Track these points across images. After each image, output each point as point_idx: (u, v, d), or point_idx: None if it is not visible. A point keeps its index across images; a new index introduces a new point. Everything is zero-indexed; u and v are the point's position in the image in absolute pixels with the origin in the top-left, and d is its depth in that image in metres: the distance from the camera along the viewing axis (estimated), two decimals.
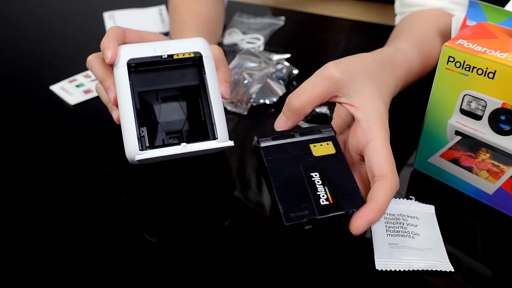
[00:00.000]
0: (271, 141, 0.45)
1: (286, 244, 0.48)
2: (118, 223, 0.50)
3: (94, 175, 0.56)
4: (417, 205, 0.51)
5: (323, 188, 0.42)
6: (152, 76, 0.51)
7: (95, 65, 0.51)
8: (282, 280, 0.44)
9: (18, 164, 0.57)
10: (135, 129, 0.47)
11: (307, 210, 0.41)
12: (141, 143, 0.47)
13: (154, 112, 0.52)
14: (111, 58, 0.48)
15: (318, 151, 0.45)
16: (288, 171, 0.43)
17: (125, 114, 0.47)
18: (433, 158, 0.54)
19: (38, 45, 0.83)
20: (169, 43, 0.51)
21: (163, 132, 0.52)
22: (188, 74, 0.51)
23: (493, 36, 0.48)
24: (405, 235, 0.48)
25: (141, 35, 0.52)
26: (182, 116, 0.52)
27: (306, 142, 0.45)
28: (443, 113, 0.50)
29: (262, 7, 0.95)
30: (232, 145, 0.48)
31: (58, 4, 0.97)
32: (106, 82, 0.50)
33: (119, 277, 0.44)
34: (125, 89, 0.48)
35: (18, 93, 0.71)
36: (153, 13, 0.91)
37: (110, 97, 0.50)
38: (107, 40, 0.49)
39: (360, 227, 0.40)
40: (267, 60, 0.70)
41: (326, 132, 0.46)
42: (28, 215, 0.51)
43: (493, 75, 0.45)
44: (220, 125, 0.49)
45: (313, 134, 0.46)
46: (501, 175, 0.49)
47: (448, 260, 0.46)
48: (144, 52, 0.49)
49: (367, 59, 0.48)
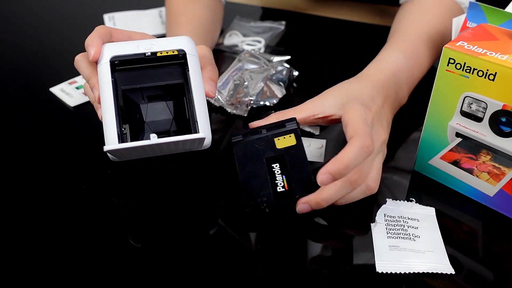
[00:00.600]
0: (241, 138, 0.50)
1: (285, 245, 0.48)
2: (118, 225, 0.50)
3: (94, 177, 0.55)
4: (417, 207, 0.51)
5: (281, 177, 0.48)
6: (137, 74, 0.50)
7: (82, 64, 0.51)
8: (282, 282, 0.44)
9: (18, 166, 0.57)
10: (115, 124, 0.46)
11: (266, 197, 0.48)
12: (122, 139, 0.46)
13: (141, 111, 0.52)
14: (94, 55, 0.48)
15: (281, 143, 0.49)
16: (253, 164, 0.49)
17: (106, 110, 0.47)
18: (434, 160, 0.53)
19: (38, 47, 0.83)
20: (153, 41, 0.50)
21: (150, 132, 0.51)
22: (173, 72, 0.51)
23: (494, 37, 0.48)
24: (406, 238, 0.48)
25: (129, 35, 0.52)
26: (169, 116, 0.52)
27: (272, 137, 0.50)
28: (444, 115, 0.50)
29: (262, 9, 0.95)
30: (204, 137, 0.46)
31: (58, 6, 0.97)
32: (91, 80, 0.50)
33: (118, 278, 0.44)
34: (107, 86, 0.47)
35: (18, 95, 0.71)
36: (153, 15, 0.91)
37: (94, 95, 0.50)
38: (91, 38, 0.49)
39: (322, 178, 0.44)
40: (267, 62, 0.70)
41: (289, 125, 0.50)
42: (28, 217, 0.50)
43: (494, 77, 0.45)
44: (202, 121, 0.48)
45: (278, 128, 0.50)
46: (502, 177, 0.49)
47: (448, 263, 0.46)
48: (128, 50, 0.49)
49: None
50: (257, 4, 0.96)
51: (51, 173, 0.56)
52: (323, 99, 0.52)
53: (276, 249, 0.47)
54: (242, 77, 0.67)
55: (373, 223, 0.49)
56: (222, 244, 0.48)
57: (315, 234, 0.49)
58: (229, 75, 0.68)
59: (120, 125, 0.47)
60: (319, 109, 0.51)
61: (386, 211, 0.50)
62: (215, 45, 0.80)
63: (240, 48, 0.80)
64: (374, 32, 0.85)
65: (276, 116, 0.52)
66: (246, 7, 0.95)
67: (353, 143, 0.45)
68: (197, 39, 0.65)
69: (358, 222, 0.50)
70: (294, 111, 0.52)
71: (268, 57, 0.72)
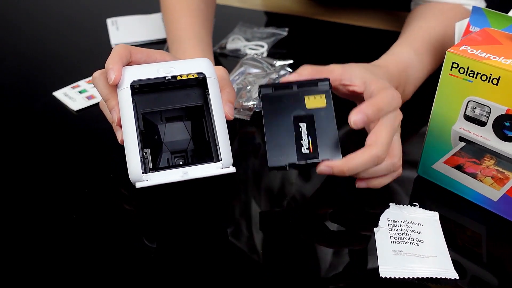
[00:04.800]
0: (270, 91, 0.49)
1: (289, 250, 0.47)
2: (120, 229, 0.50)
3: (96, 181, 0.55)
4: (421, 211, 0.51)
5: (307, 137, 0.48)
6: (156, 96, 0.51)
7: (100, 83, 0.51)
8: (285, 286, 0.44)
9: (21, 170, 0.57)
10: (138, 151, 0.47)
11: (289, 156, 0.48)
12: (144, 165, 0.47)
13: (159, 132, 0.52)
14: (115, 80, 0.48)
15: (311, 103, 0.49)
16: (280, 119, 0.48)
17: (128, 137, 0.47)
18: (437, 165, 0.53)
19: (41, 51, 0.83)
20: (173, 64, 0.50)
21: (168, 152, 0.52)
22: (192, 94, 0.51)
23: (497, 42, 0.48)
24: (409, 242, 0.48)
25: (148, 54, 0.52)
26: (186, 136, 0.52)
27: (302, 94, 0.49)
28: (447, 119, 0.50)
29: (265, 13, 0.95)
30: (234, 171, 0.47)
31: (61, 10, 0.98)
32: (110, 102, 0.50)
33: (119, 281, 0.44)
34: (129, 111, 0.48)
35: (21, 99, 0.71)
36: (156, 19, 0.91)
37: (114, 117, 0.50)
38: (112, 62, 0.48)
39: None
40: (269, 66, 0.70)
41: (322, 85, 0.49)
42: (31, 220, 0.50)
43: (497, 81, 0.45)
44: (224, 147, 0.48)
45: (310, 86, 0.49)
46: (506, 181, 0.49)
47: (452, 268, 0.45)
48: (148, 74, 0.49)
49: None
50: (260, 8, 0.97)
51: (54, 176, 0.56)
52: (351, 69, 0.52)
53: (280, 253, 0.47)
54: (244, 81, 0.67)
55: (377, 227, 0.49)
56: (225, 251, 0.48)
57: (319, 238, 0.49)
58: (232, 79, 0.68)
59: (142, 152, 0.47)
60: (347, 75, 0.51)
61: (390, 215, 0.50)
62: (218, 49, 0.80)
63: (242, 53, 0.80)
64: (377, 37, 0.85)
65: (310, 70, 0.51)
66: (249, 12, 0.95)
67: (366, 151, 0.47)
68: (198, 33, 0.67)
69: (362, 227, 0.50)
70: (326, 70, 0.52)
71: (270, 62, 0.72)
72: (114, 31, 0.88)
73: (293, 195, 0.54)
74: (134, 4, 0.99)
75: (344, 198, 0.54)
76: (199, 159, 0.51)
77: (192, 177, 0.46)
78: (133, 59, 0.50)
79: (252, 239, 0.49)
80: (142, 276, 0.45)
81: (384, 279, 0.44)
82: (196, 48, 0.65)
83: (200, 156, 0.52)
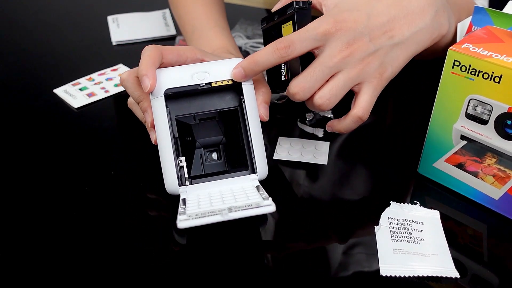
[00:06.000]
0: (265, 24, 0.54)
1: (289, 249, 0.47)
2: (121, 227, 0.50)
3: (97, 179, 0.55)
4: (421, 210, 0.51)
5: (284, 66, 0.51)
6: (190, 100, 0.50)
7: (130, 85, 0.50)
8: (286, 285, 0.44)
9: (21, 167, 0.57)
10: (174, 164, 0.47)
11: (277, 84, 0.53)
12: (180, 175, 0.48)
13: (192, 131, 0.52)
14: (151, 87, 0.47)
15: (285, 31, 0.50)
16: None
17: (164, 147, 0.48)
18: (438, 163, 0.53)
19: (42, 48, 0.83)
20: (207, 67, 0.50)
21: (200, 148, 0.52)
22: (227, 98, 0.51)
23: (499, 40, 0.47)
24: (410, 241, 0.47)
25: (178, 53, 0.51)
26: (219, 133, 0.52)
27: (279, 24, 0.51)
28: (448, 117, 0.50)
29: (266, 11, 0.95)
30: (275, 209, 0.43)
31: (61, 7, 0.98)
32: (143, 104, 0.50)
33: (119, 280, 0.44)
34: (163, 119, 0.48)
35: (21, 96, 0.71)
36: (157, 17, 0.91)
37: (147, 120, 0.50)
38: (145, 67, 0.47)
39: (234, 72, 0.48)
40: None
41: (289, 10, 0.49)
42: (31, 218, 0.50)
43: (499, 80, 0.44)
44: (260, 158, 0.49)
45: (282, 15, 0.50)
46: (507, 180, 0.48)
47: (453, 266, 0.45)
48: (182, 80, 0.48)
49: None
50: (261, 6, 0.96)
51: (54, 174, 0.56)
52: None
53: (280, 252, 0.47)
54: None
55: (377, 226, 0.49)
56: (223, 247, 0.48)
57: (319, 237, 0.49)
58: None
59: (178, 162, 0.48)
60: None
61: (390, 214, 0.50)
62: None
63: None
64: None
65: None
66: (250, 9, 0.95)
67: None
68: (219, 18, 0.68)
69: (362, 225, 0.50)
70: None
71: None
72: (114, 29, 0.88)
73: (293, 193, 0.54)
74: (135, 2, 0.99)
75: (345, 196, 0.54)
76: (233, 166, 0.51)
77: (232, 218, 0.43)
78: (164, 60, 0.50)
79: (252, 239, 0.49)
80: (142, 276, 0.45)
81: (384, 277, 0.44)
82: (220, 36, 0.65)
83: (234, 162, 0.51)
